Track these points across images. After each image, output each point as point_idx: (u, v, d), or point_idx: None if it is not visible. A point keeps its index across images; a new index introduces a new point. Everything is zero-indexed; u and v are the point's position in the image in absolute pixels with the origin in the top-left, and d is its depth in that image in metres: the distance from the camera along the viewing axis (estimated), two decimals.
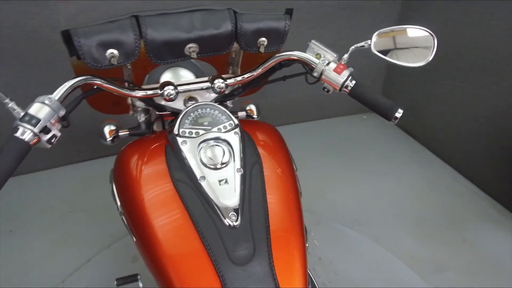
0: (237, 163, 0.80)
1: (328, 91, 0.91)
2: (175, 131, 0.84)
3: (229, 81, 0.94)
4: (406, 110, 0.89)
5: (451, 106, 2.47)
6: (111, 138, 1.04)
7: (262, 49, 0.92)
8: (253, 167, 0.83)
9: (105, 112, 1.22)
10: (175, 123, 0.86)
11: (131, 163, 0.84)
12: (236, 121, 0.88)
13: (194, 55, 0.87)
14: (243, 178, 0.79)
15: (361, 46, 0.88)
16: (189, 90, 0.93)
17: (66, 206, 2.25)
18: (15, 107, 0.67)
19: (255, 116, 1.20)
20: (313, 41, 0.93)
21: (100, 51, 0.77)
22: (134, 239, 0.78)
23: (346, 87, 0.88)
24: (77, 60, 0.79)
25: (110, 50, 0.78)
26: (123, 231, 2.03)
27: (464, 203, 2.27)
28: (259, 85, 1.05)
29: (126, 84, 0.91)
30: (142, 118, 1.08)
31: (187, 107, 0.88)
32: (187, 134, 0.84)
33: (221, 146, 0.83)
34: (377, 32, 0.86)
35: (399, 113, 0.85)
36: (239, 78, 0.95)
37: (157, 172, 0.81)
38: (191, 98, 0.99)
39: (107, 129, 1.04)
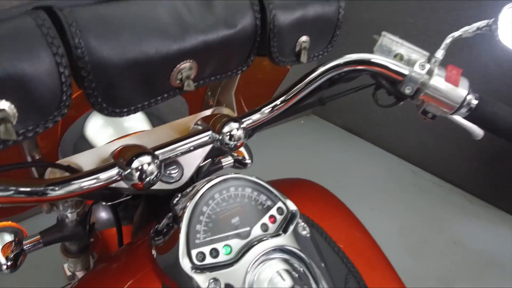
0: None
1: (433, 116, 0.52)
2: (184, 264, 0.38)
3: (247, 122, 0.50)
4: (348, 108, 0.56)
5: None
6: (10, 261, 0.51)
7: (304, 57, 0.49)
8: (347, 283, 0.46)
9: None
10: (174, 238, 0.40)
11: None
12: (291, 203, 0.45)
13: (190, 85, 0.41)
14: None
15: (472, 32, 0.51)
16: (178, 155, 0.47)
17: None
18: None
19: (247, 161, 0.77)
20: (384, 33, 0.53)
21: None
22: None
23: (468, 105, 0.50)
24: None
25: None
26: None
27: (436, 200, 2.12)
28: (283, 117, 0.61)
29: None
30: (71, 216, 0.56)
31: (191, 194, 0.42)
32: (208, 260, 0.38)
33: (289, 268, 0.41)
34: (509, 6, 0.49)
35: None
36: (261, 114, 0.52)
37: None
38: (169, 164, 0.53)
39: None
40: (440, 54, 0.52)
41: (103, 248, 0.79)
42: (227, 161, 0.72)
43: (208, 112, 0.61)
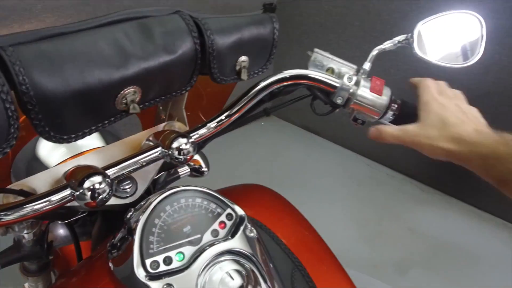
0: (276, 284, 0.46)
1: (363, 123, 0.58)
2: (139, 273, 0.41)
3: (195, 137, 0.54)
4: (306, 108, 0.64)
5: None
6: None
7: (244, 75, 0.54)
8: (293, 278, 0.51)
9: None
10: (129, 250, 0.43)
11: None
12: (239, 209, 0.49)
13: (135, 108, 0.44)
14: None
15: (394, 45, 0.58)
16: (130, 172, 0.50)
17: None
18: None
19: (204, 169, 0.80)
20: (316, 50, 0.59)
21: None
22: None
23: (392, 111, 0.57)
24: None
25: None
26: None
27: (390, 190, 2.25)
28: (231, 129, 0.65)
29: None
30: (28, 236, 0.58)
31: (143, 208, 0.45)
32: (162, 267, 0.42)
33: (239, 268, 0.45)
34: (422, 22, 0.56)
35: None
36: (207, 129, 0.56)
37: None
38: (123, 180, 0.56)
39: None
40: (367, 66, 0.59)
41: (64, 265, 0.80)
42: (184, 170, 0.75)
43: (160, 127, 0.64)
